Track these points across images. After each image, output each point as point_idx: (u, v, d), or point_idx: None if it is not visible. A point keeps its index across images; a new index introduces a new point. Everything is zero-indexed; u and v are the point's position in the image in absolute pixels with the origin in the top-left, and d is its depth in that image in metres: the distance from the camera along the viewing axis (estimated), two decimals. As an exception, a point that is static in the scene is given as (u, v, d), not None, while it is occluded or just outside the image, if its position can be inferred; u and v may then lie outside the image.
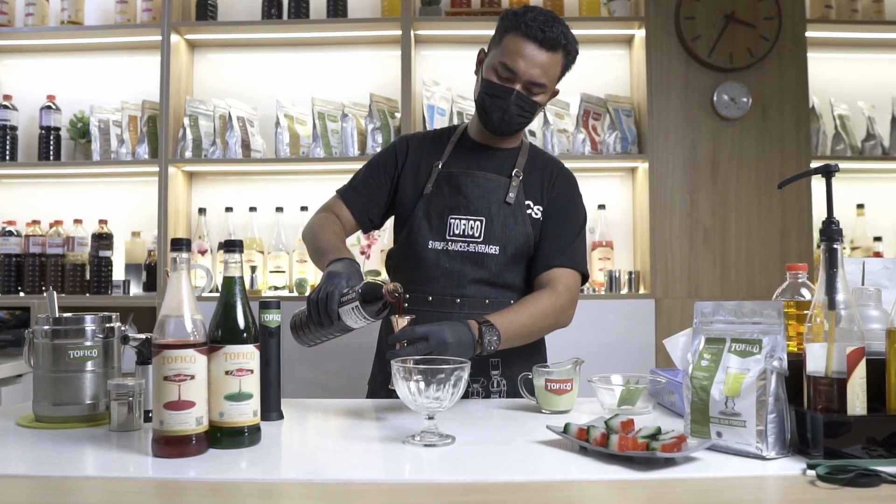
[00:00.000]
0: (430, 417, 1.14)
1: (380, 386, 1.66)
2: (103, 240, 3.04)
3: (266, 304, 1.34)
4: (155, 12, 3.10)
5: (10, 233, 3.09)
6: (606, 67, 3.23)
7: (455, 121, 3.05)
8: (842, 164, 1.96)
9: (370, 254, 3.00)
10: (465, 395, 1.55)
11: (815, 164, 2.46)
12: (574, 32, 1.62)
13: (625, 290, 3.00)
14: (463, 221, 1.63)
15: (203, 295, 2.70)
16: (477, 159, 1.69)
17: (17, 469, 1.03)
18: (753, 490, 0.95)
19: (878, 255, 3.07)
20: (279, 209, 3.10)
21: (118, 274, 3.11)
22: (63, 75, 3.27)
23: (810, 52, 3.03)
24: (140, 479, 0.99)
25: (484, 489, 0.94)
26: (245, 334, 1.12)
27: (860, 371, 1.00)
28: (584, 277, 1.66)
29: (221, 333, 1.11)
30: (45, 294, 2.94)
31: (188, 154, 3.02)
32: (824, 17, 3.08)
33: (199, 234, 3.08)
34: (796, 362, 1.08)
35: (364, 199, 1.72)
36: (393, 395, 1.28)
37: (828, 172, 1.14)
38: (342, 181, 1.80)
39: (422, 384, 1.10)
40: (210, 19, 3.13)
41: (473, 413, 1.41)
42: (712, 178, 2.99)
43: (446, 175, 1.67)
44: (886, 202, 3.24)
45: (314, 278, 3.01)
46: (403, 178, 1.71)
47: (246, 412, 1.11)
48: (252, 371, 1.12)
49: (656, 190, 2.97)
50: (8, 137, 3.11)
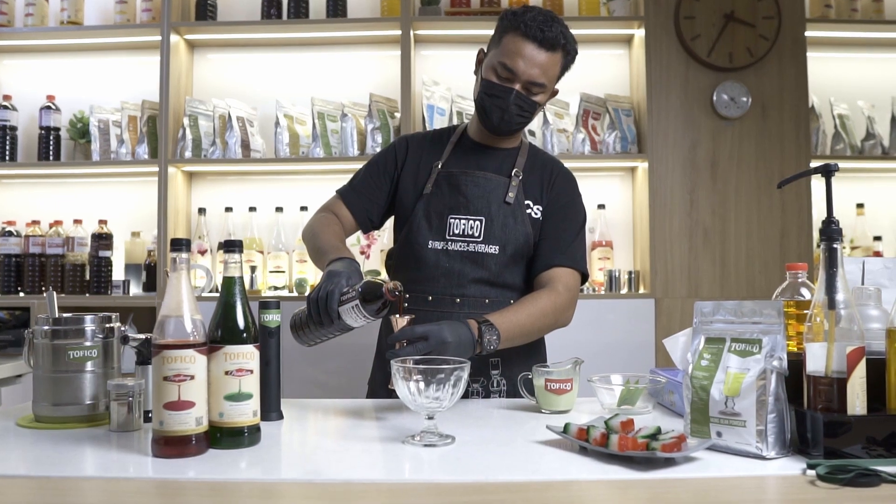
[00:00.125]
0: (430, 417, 1.14)
1: (380, 386, 1.66)
2: (103, 240, 3.04)
3: (266, 304, 1.34)
4: (154, 12, 3.10)
5: (10, 233, 3.09)
6: (606, 67, 3.23)
7: (455, 121, 3.05)
8: (841, 164, 1.96)
9: (370, 254, 3.00)
10: (465, 395, 1.55)
11: (814, 164, 2.45)
12: (573, 32, 1.62)
13: (624, 290, 3.00)
14: (463, 221, 1.63)
15: (203, 295, 2.70)
16: (477, 159, 1.69)
17: (17, 469, 1.03)
18: (753, 490, 0.95)
19: (877, 254, 3.07)
20: (279, 209, 3.10)
21: (118, 274, 3.11)
22: (63, 75, 3.27)
23: (810, 51, 3.03)
24: (140, 479, 0.99)
25: (484, 489, 0.94)
26: (245, 334, 1.12)
27: (860, 371, 1.00)
28: (584, 277, 1.67)
29: (221, 333, 1.11)
30: (44, 294, 2.93)
31: (188, 154, 3.02)
32: (824, 16, 3.08)
33: (199, 234, 3.08)
34: (796, 362, 1.08)
35: (364, 200, 1.72)
36: (393, 394, 1.28)
37: (827, 172, 1.13)
38: (342, 181, 1.80)
39: (422, 384, 1.10)
40: (210, 19, 3.13)
41: (473, 413, 1.41)
42: (712, 178, 2.99)
43: (446, 175, 1.67)
44: (886, 202, 3.24)
45: (314, 278, 3.01)
46: (403, 178, 1.71)
47: (246, 412, 1.11)
48: (252, 371, 1.12)
49: (656, 190, 2.97)
50: (8, 137, 3.11)
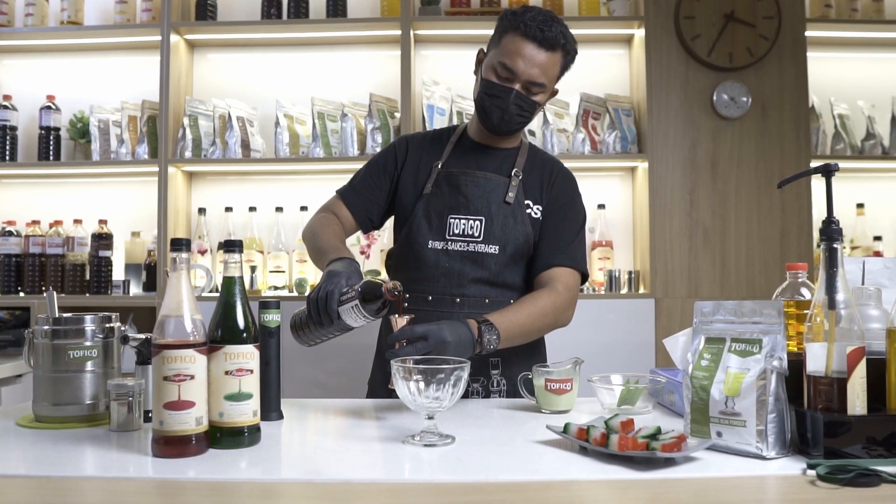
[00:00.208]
0: (430, 417, 1.14)
1: (380, 385, 1.66)
2: (103, 240, 3.04)
3: (266, 304, 1.34)
4: (154, 12, 3.10)
5: (10, 233, 3.09)
6: (606, 67, 3.23)
7: (455, 120, 3.05)
8: (842, 164, 1.96)
9: (370, 253, 3.00)
10: (465, 395, 1.55)
11: (814, 164, 2.45)
12: (573, 32, 1.62)
13: (624, 290, 3.00)
14: (462, 221, 1.63)
15: (203, 295, 2.70)
16: (476, 159, 1.69)
17: (17, 469, 1.03)
18: (753, 490, 0.95)
19: (878, 254, 3.07)
20: (279, 209, 3.10)
21: (118, 274, 3.11)
22: (63, 75, 3.27)
23: (810, 51, 3.03)
24: (140, 479, 0.99)
25: (484, 489, 0.94)
26: (245, 334, 1.12)
27: (860, 371, 1.00)
28: (584, 277, 1.67)
29: (221, 333, 1.11)
30: (44, 294, 2.93)
31: (188, 154, 3.02)
32: (824, 16, 3.08)
33: (199, 234, 3.08)
34: (796, 362, 1.08)
35: (364, 200, 1.72)
36: (393, 394, 1.28)
37: (827, 172, 1.13)
38: (342, 181, 1.80)
39: (421, 384, 1.10)
40: (210, 19, 3.13)
41: (473, 413, 1.41)
42: (712, 178, 2.99)
43: (446, 175, 1.67)
44: (886, 201, 3.24)
45: (314, 278, 3.01)
46: (403, 178, 1.71)
47: (246, 412, 1.11)
48: (252, 371, 1.12)
49: (656, 189, 2.97)
50: (8, 137, 3.11)
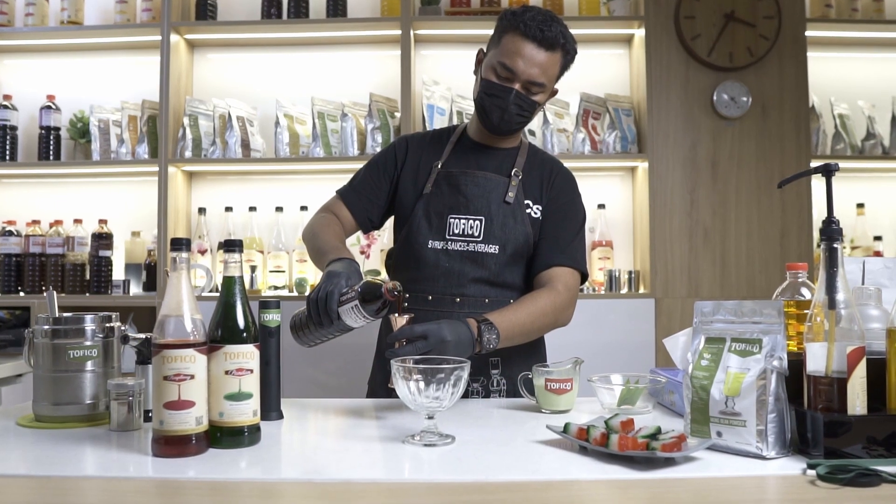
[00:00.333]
0: (430, 417, 1.14)
1: (380, 385, 1.66)
2: (103, 239, 3.04)
3: (266, 304, 1.34)
4: (154, 12, 3.10)
5: (10, 233, 3.09)
6: (606, 67, 3.23)
7: (455, 120, 3.05)
8: (842, 164, 1.96)
9: (370, 253, 3.00)
10: (465, 395, 1.55)
11: (815, 164, 2.45)
12: (574, 32, 1.62)
13: (625, 290, 3.00)
14: (462, 221, 1.63)
15: (203, 295, 2.70)
16: (476, 159, 1.69)
17: (17, 469, 1.03)
18: (753, 490, 0.95)
19: (878, 254, 3.07)
20: (279, 209, 3.10)
21: (118, 274, 3.11)
22: (63, 75, 3.27)
23: (810, 51, 3.03)
24: (140, 478, 0.99)
25: (484, 489, 0.94)
26: (245, 334, 1.12)
27: (860, 370, 1.00)
28: (584, 276, 1.67)
29: (221, 333, 1.11)
30: (45, 294, 2.93)
31: (188, 154, 3.02)
32: (824, 16, 3.08)
33: (199, 233, 3.08)
34: (796, 362, 1.07)
35: (364, 200, 1.72)
36: (393, 394, 1.28)
37: (828, 172, 1.13)
38: (342, 181, 1.80)
39: (422, 384, 1.10)
40: (210, 19, 3.12)
41: (473, 412, 1.41)
42: (712, 178, 2.99)
43: (446, 175, 1.67)
44: (886, 201, 3.24)
45: (314, 278, 3.01)
46: (403, 177, 1.71)
47: (246, 412, 1.11)
48: (252, 371, 1.12)
49: (656, 189, 2.97)
50: (8, 137, 3.11)
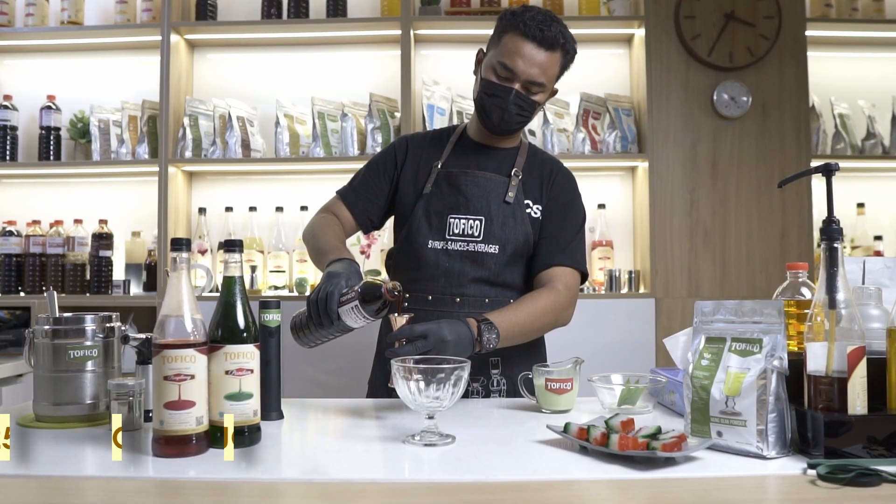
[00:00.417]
0: (430, 417, 1.14)
1: (380, 385, 1.66)
2: (103, 240, 3.04)
3: (266, 304, 1.34)
4: (155, 12, 3.10)
5: (11, 233, 3.09)
6: (606, 67, 3.23)
7: (455, 120, 3.05)
8: (842, 163, 1.96)
9: (370, 253, 3.00)
10: (465, 395, 1.55)
11: (815, 163, 2.45)
12: (574, 32, 1.62)
13: (625, 290, 3.00)
14: (462, 221, 1.63)
15: (203, 295, 2.70)
16: (476, 159, 1.69)
17: (17, 469, 1.03)
18: (754, 490, 0.95)
19: (878, 254, 3.07)
20: (279, 209, 3.10)
21: (118, 274, 3.11)
22: (63, 75, 3.27)
23: (810, 50, 3.03)
24: (140, 478, 0.99)
25: (484, 489, 0.94)
26: (245, 334, 1.12)
27: (861, 370, 1.00)
28: (584, 276, 1.67)
29: (221, 333, 1.11)
30: (45, 294, 2.93)
31: (188, 154, 3.02)
32: (824, 15, 3.08)
33: (199, 233, 3.08)
34: (797, 361, 1.07)
35: (364, 200, 1.72)
36: (393, 394, 1.28)
37: (828, 171, 1.13)
38: (342, 181, 1.80)
39: (422, 384, 1.10)
40: (210, 19, 3.12)
41: (473, 412, 1.41)
42: (712, 178, 2.99)
43: (445, 175, 1.67)
44: (887, 201, 3.24)
45: (314, 278, 3.01)
46: (403, 178, 1.71)
47: (246, 412, 1.11)
48: (252, 371, 1.12)
49: (656, 189, 2.97)
50: (8, 137, 3.11)
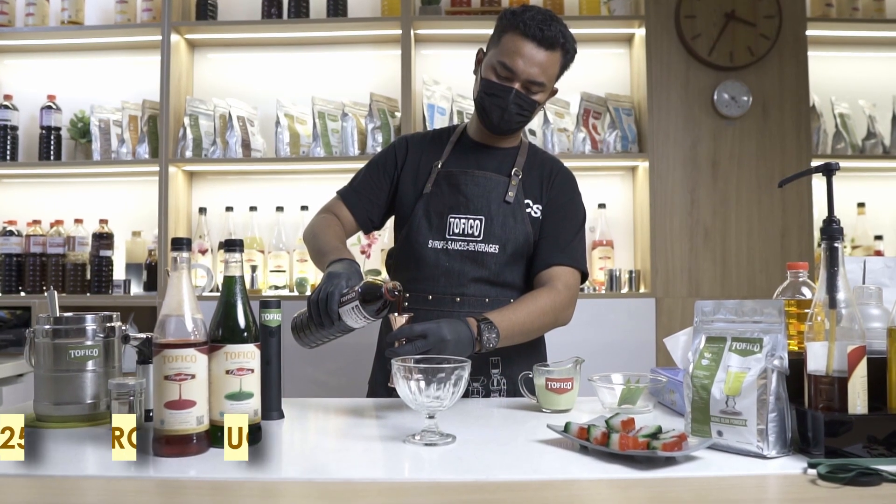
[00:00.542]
0: (431, 416, 1.14)
1: (380, 385, 1.66)
2: (104, 239, 3.05)
3: (266, 304, 1.34)
4: (155, 12, 3.10)
5: (11, 232, 3.09)
6: (606, 66, 3.23)
7: (455, 120, 3.04)
8: (842, 163, 1.95)
9: (370, 253, 3.00)
10: (465, 394, 1.55)
11: (815, 163, 2.45)
12: (574, 31, 1.62)
13: (625, 289, 3.00)
14: (462, 220, 1.63)
15: (203, 294, 2.70)
16: (476, 158, 1.69)
17: (17, 469, 1.03)
18: (754, 489, 0.95)
19: (878, 253, 3.07)
20: (279, 209, 3.10)
21: (119, 273, 3.11)
22: (63, 75, 3.27)
23: (811, 50, 3.03)
24: (141, 478, 0.99)
25: (484, 488, 0.94)
26: (245, 333, 1.12)
27: (861, 370, 1.00)
28: (584, 276, 1.67)
29: (222, 333, 1.11)
30: (45, 294, 2.93)
31: (188, 154, 3.02)
32: (825, 15, 3.08)
33: (200, 233, 3.08)
34: (797, 361, 1.07)
35: (364, 200, 1.72)
36: (393, 393, 1.28)
37: (828, 171, 1.13)
38: (342, 181, 1.80)
39: (422, 383, 1.10)
40: (210, 19, 3.12)
41: (474, 412, 1.41)
42: (713, 177, 2.98)
43: (446, 174, 1.67)
44: (887, 201, 3.24)
45: (314, 278, 3.01)
46: (403, 178, 1.71)
47: (247, 411, 1.11)
48: (252, 370, 1.12)
49: (657, 189, 2.97)
50: (8, 137, 3.11)
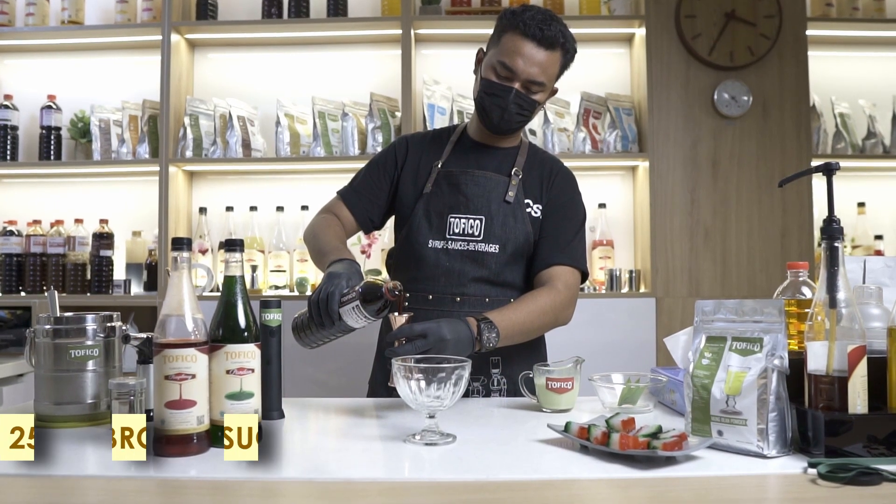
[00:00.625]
0: (431, 416, 1.14)
1: (380, 385, 1.66)
2: (104, 239, 3.05)
3: (267, 304, 1.34)
4: (155, 12, 3.10)
5: (11, 232, 3.09)
6: (607, 66, 3.23)
7: (455, 120, 3.05)
8: (842, 163, 1.95)
9: (371, 253, 3.00)
10: (466, 394, 1.54)
11: (815, 163, 2.45)
12: (574, 31, 1.62)
13: (625, 289, 3.00)
14: (463, 220, 1.63)
15: (204, 294, 2.70)
16: (476, 158, 1.69)
17: (17, 469, 1.03)
18: (754, 489, 0.95)
19: (879, 253, 3.07)
20: (280, 208, 3.10)
21: (119, 273, 3.11)
22: (63, 75, 3.27)
23: (811, 50, 3.03)
24: (141, 478, 0.99)
25: (485, 488, 0.94)
26: (246, 333, 1.12)
27: (861, 369, 1.00)
28: (584, 275, 1.67)
29: (222, 332, 1.11)
30: (46, 293, 2.93)
31: (189, 153, 3.02)
32: (825, 15, 3.08)
33: (200, 233, 3.08)
34: (797, 361, 1.07)
35: (364, 200, 1.72)
36: (393, 393, 1.28)
37: (828, 171, 1.13)
38: (343, 180, 1.80)
39: (422, 383, 1.10)
40: (210, 19, 3.12)
41: (474, 412, 1.41)
42: (713, 177, 2.98)
43: (446, 174, 1.67)
44: (887, 200, 3.24)
45: (315, 277, 3.01)
46: (403, 177, 1.71)
47: (247, 411, 1.11)
48: (253, 370, 1.12)
49: (657, 189, 2.97)
50: (9, 137, 3.11)
